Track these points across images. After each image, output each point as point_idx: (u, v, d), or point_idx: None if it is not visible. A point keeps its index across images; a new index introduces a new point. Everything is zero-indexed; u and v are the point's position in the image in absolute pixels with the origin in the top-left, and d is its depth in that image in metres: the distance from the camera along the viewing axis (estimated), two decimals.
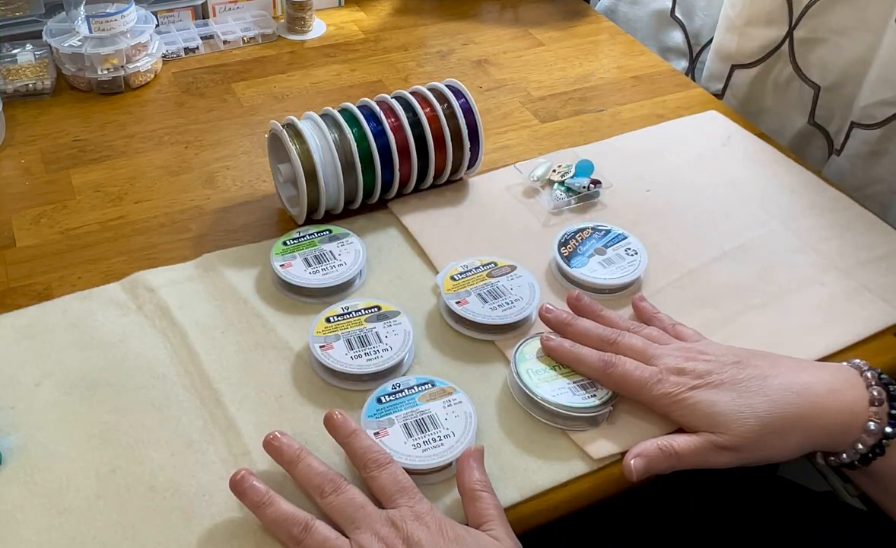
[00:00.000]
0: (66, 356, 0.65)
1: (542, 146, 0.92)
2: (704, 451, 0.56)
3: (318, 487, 0.53)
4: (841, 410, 0.56)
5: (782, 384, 0.57)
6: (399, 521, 0.51)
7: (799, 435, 0.56)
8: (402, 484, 0.54)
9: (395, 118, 0.78)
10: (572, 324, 0.65)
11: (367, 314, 0.67)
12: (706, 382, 0.58)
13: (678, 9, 1.17)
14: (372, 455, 0.55)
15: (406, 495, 0.53)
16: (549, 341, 0.63)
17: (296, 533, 0.51)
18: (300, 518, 0.52)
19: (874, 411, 0.56)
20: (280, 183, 0.80)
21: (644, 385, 0.59)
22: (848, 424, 0.56)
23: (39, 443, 0.59)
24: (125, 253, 0.76)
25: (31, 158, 0.87)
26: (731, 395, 0.57)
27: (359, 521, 0.51)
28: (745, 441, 0.56)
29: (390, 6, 1.21)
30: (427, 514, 0.52)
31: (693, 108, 1.00)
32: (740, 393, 0.57)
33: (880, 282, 0.75)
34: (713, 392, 0.57)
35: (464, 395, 0.61)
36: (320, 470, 0.54)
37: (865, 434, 0.56)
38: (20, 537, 0.53)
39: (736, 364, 0.59)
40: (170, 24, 1.09)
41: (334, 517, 0.53)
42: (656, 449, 0.57)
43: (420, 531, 0.50)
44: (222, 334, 0.68)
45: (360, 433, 0.56)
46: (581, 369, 0.62)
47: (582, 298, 0.68)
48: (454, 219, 0.80)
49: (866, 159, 0.92)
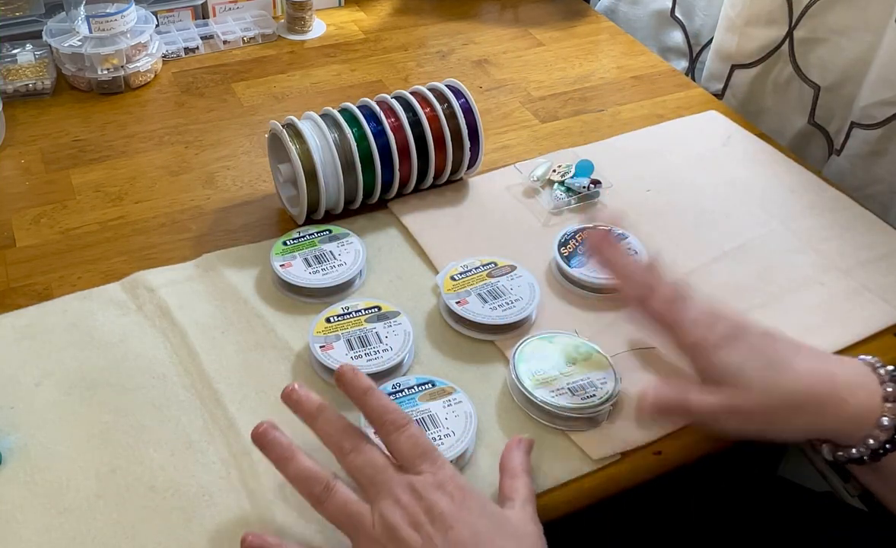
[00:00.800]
0: (66, 356, 0.65)
1: (542, 146, 0.92)
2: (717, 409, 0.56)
3: (338, 444, 0.52)
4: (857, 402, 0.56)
5: (808, 366, 0.57)
6: (421, 488, 0.50)
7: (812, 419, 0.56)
8: (424, 447, 0.52)
9: (395, 118, 0.78)
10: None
11: (367, 314, 0.67)
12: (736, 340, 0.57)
13: (678, 9, 1.17)
14: (390, 416, 0.53)
15: (428, 460, 0.51)
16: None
17: (317, 492, 0.50)
18: (322, 477, 0.51)
19: (889, 408, 0.56)
20: (280, 183, 0.80)
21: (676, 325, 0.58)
22: (861, 417, 0.56)
23: (39, 443, 0.59)
24: (125, 253, 0.76)
25: (31, 158, 0.87)
26: (759, 361, 0.57)
27: (379, 485, 0.50)
28: (761, 409, 0.55)
29: (390, 6, 1.21)
30: (450, 482, 0.50)
31: (693, 108, 1.00)
32: (769, 363, 0.57)
33: (880, 282, 0.75)
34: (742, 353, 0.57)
35: (464, 395, 0.61)
36: (341, 425, 0.53)
37: (878, 430, 0.56)
38: (20, 537, 0.53)
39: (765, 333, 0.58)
40: (170, 24, 1.09)
41: (355, 477, 0.51)
42: (670, 391, 0.57)
43: (442, 501, 0.49)
44: (222, 334, 0.68)
45: (375, 391, 0.54)
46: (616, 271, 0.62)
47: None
48: (454, 219, 0.80)
49: (866, 159, 0.92)
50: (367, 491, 0.51)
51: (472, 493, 0.51)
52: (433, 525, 0.48)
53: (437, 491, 0.50)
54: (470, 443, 0.58)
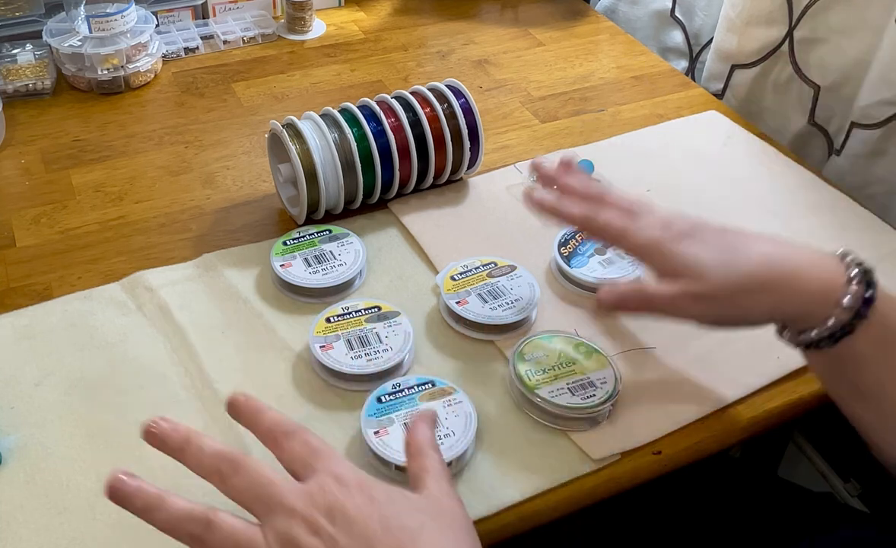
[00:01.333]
0: (66, 356, 0.65)
1: (542, 146, 0.92)
2: (679, 297, 0.56)
3: (216, 470, 0.46)
4: (820, 280, 0.56)
5: (765, 250, 0.57)
6: (317, 491, 0.45)
7: (774, 299, 0.56)
8: (315, 446, 0.47)
9: (395, 118, 0.78)
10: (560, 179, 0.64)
11: (367, 315, 0.67)
12: (690, 236, 0.58)
13: (678, 9, 1.17)
14: (280, 428, 0.48)
15: (322, 457, 0.47)
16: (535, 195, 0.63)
17: (198, 532, 0.44)
18: (198, 514, 0.45)
19: (851, 289, 0.55)
20: (280, 183, 0.80)
21: (626, 231, 0.59)
22: (824, 296, 0.55)
23: (39, 443, 0.59)
24: (125, 253, 0.76)
25: (31, 158, 0.87)
26: (715, 249, 0.57)
27: (267, 500, 0.45)
28: (721, 292, 0.56)
29: (390, 6, 1.21)
30: (347, 475, 0.46)
31: (693, 108, 1.00)
32: (724, 249, 0.57)
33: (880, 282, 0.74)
34: (695, 245, 0.57)
35: (464, 395, 0.61)
36: (214, 449, 0.47)
37: (839, 309, 0.55)
38: (20, 537, 0.53)
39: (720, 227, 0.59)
40: (170, 24, 1.09)
41: (241, 501, 0.46)
42: (629, 284, 0.58)
43: (343, 497, 0.45)
44: (222, 334, 0.68)
45: (266, 411, 0.49)
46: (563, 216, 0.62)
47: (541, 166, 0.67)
48: (454, 219, 0.80)
49: (866, 159, 0.92)
50: (256, 512, 0.45)
51: (374, 483, 0.47)
52: (335, 525, 0.44)
53: (335, 486, 0.45)
54: (470, 443, 0.58)
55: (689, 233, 0.58)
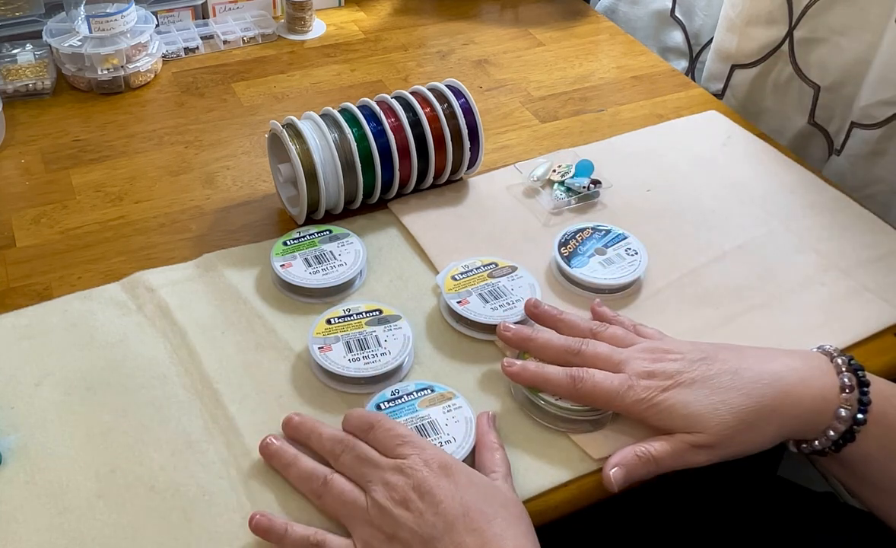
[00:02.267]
0: (66, 356, 0.65)
1: (542, 146, 0.92)
2: (682, 452, 0.56)
3: (330, 451, 0.56)
4: (813, 397, 0.56)
5: (753, 377, 0.57)
6: (408, 468, 0.52)
7: (774, 425, 0.56)
8: (400, 434, 0.55)
9: (395, 118, 0.78)
10: (533, 339, 0.63)
11: (368, 317, 0.67)
12: (677, 382, 0.57)
13: (678, 9, 1.17)
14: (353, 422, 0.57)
15: (409, 444, 0.54)
16: (510, 367, 0.61)
17: (316, 487, 0.54)
18: (320, 473, 0.55)
19: (845, 398, 0.56)
20: (280, 183, 0.80)
21: (616, 395, 0.58)
22: (820, 411, 0.56)
23: (39, 443, 0.59)
24: (125, 253, 0.76)
25: (31, 158, 0.87)
26: (703, 392, 0.56)
27: (369, 473, 0.53)
28: (722, 438, 0.56)
29: (390, 6, 1.21)
30: (434, 459, 0.53)
31: (693, 108, 1.00)
32: (713, 390, 0.56)
33: (880, 282, 0.75)
34: (685, 392, 0.57)
35: (463, 400, 0.61)
36: (328, 433, 0.57)
37: (836, 421, 0.56)
38: (20, 537, 0.53)
39: (703, 360, 0.58)
40: (170, 24, 1.09)
41: (349, 475, 0.55)
42: (634, 457, 0.57)
43: (430, 478, 0.52)
44: (222, 334, 0.68)
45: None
46: (549, 389, 0.60)
47: (539, 306, 0.67)
48: (454, 219, 0.80)
49: (866, 159, 0.92)
50: (360, 482, 0.54)
51: (457, 467, 0.53)
52: (423, 501, 0.51)
53: (423, 469, 0.52)
54: (469, 449, 0.58)
55: (672, 375, 0.57)
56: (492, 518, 0.50)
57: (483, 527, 0.50)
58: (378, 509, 0.52)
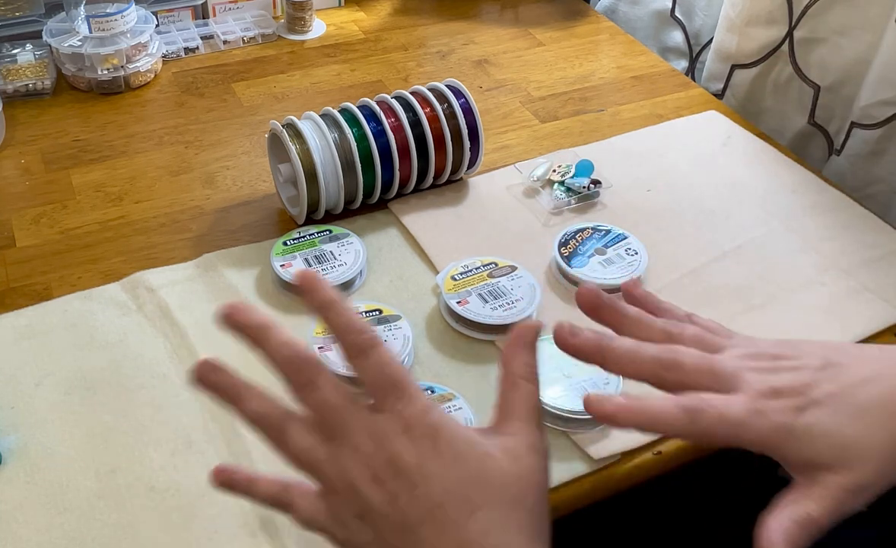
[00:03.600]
0: (66, 356, 0.65)
1: (542, 146, 0.92)
2: (841, 503, 0.43)
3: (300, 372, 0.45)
4: None
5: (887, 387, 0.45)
6: (383, 433, 0.42)
7: None
8: (391, 376, 0.43)
9: (395, 118, 0.78)
10: (613, 348, 0.47)
11: (368, 317, 0.67)
12: (809, 398, 0.44)
13: (678, 9, 1.17)
14: (351, 337, 0.44)
15: (395, 394, 0.43)
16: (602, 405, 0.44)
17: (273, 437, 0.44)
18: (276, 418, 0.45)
19: None
20: (280, 183, 0.80)
21: (742, 425, 0.43)
22: None
23: (39, 443, 0.59)
24: (125, 253, 0.76)
25: (31, 158, 0.87)
26: (844, 413, 0.44)
27: (336, 429, 0.43)
28: (882, 473, 0.44)
29: (390, 6, 1.21)
30: (419, 421, 0.43)
31: (693, 108, 1.00)
32: (855, 410, 0.44)
33: (880, 282, 0.75)
34: (825, 413, 0.44)
35: (463, 401, 0.61)
36: (291, 352, 0.45)
37: None
38: (20, 537, 0.53)
39: (823, 368, 0.45)
40: (170, 24, 1.09)
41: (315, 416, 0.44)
42: (793, 526, 0.44)
43: (408, 451, 0.42)
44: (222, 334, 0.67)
45: (338, 305, 0.44)
46: (658, 430, 0.45)
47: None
48: (454, 219, 0.80)
49: (866, 159, 0.92)
50: (325, 435, 0.44)
51: (444, 432, 0.43)
52: (397, 479, 0.42)
53: (402, 436, 0.42)
54: None
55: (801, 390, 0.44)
56: (476, 508, 0.41)
57: (462, 520, 0.41)
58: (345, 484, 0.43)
